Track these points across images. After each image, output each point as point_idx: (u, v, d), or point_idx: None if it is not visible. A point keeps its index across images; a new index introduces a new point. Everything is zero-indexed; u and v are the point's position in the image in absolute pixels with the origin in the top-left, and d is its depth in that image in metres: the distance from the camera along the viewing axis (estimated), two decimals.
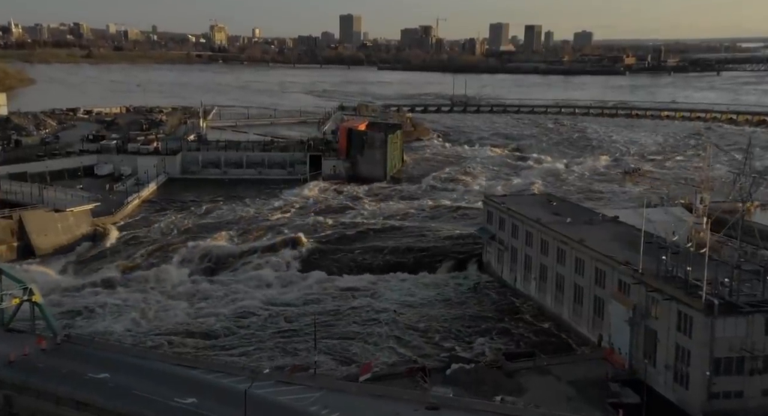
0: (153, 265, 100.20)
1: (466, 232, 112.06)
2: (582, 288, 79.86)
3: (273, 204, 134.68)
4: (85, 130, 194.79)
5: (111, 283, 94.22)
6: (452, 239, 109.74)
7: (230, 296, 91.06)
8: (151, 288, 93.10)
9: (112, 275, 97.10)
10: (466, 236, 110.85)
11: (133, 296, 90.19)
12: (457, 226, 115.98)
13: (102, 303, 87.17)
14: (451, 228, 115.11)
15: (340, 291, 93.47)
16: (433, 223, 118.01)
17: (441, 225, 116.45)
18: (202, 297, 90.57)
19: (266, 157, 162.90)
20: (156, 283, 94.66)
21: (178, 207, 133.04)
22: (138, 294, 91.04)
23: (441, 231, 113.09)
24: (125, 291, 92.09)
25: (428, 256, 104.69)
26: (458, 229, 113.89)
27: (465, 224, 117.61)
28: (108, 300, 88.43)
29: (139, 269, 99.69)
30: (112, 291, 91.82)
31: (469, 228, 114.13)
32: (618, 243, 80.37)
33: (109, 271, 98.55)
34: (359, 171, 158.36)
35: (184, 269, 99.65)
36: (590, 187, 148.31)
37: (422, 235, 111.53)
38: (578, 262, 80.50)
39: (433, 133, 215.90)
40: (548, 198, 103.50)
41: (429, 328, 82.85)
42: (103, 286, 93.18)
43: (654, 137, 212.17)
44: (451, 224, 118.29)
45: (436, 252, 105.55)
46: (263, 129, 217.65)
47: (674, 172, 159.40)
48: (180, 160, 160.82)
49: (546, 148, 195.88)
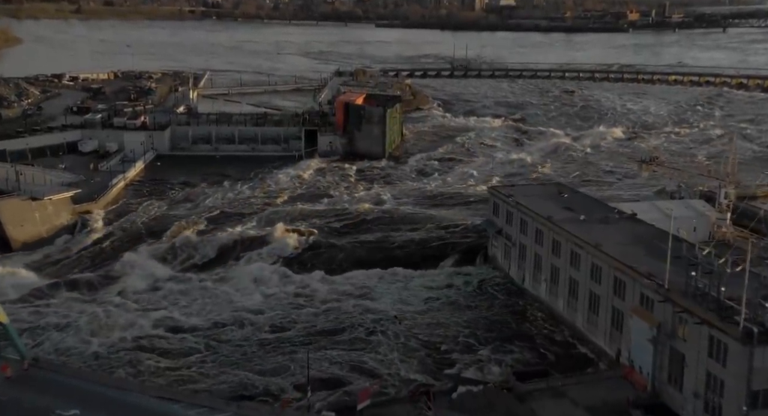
0: (131, 263, 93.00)
1: (470, 221, 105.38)
2: (598, 297, 73.67)
3: (265, 187, 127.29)
4: (70, 99, 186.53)
5: (85, 286, 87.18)
6: (455, 230, 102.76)
7: (213, 300, 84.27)
8: (125, 293, 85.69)
9: (87, 276, 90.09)
10: (469, 224, 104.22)
11: (106, 299, 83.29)
12: (460, 214, 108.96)
13: (76, 312, 79.92)
14: (453, 216, 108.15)
15: (335, 292, 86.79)
16: (434, 211, 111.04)
17: (443, 213, 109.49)
18: (182, 302, 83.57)
19: (259, 132, 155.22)
20: (132, 284, 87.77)
21: (165, 190, 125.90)
22: (113, 297, 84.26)
23: (443, 220, 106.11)
24: (98, 295, 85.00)
25: (431, 249, 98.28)
26: (461, 218, 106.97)
27: (468, 212, 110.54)
28: (81, 307, 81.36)
29: (115, 266, 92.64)
30: (85, 295, 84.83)
31: (472, 216, 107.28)
32: (638, 248, 73.91)
33: (85, 270, 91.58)
34: (357, 147, 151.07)
35: (165, 267, 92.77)
36: (599, 164, 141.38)
37: (423, 225, 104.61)
38: (594, 268, 74.15)
39: (433, 101, 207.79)
40: (559, 189, 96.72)
41: (433, 337, 76.76)
42: (77, 290, 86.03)
43: (663, 106, 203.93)
44: (453, 211, 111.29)
45: (439, 245, 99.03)
46: (257, 98, 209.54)
47: (689, 150, 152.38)
48: (169, 136, 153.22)
49: (551, 118, 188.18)
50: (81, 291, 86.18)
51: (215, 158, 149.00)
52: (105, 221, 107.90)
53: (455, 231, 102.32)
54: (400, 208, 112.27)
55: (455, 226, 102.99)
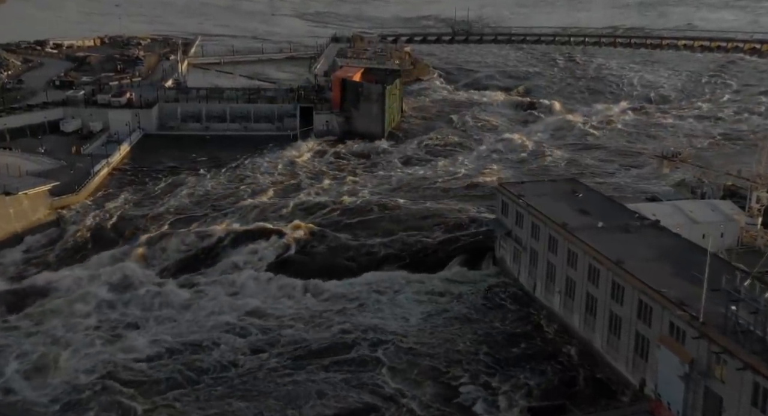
0: (98, 269, 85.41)
1: (476, 217, 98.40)
2: (620, 319, 67.16)
3: (256, 174, 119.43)
4: (54, 70, 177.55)
5: (42, 297, 79.48)
6: (460, 228, 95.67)
7: (191, 313, 77.01)
8: (90, 307, 78.01)
9: (45, 284, 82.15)
10: (476, 221, 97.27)
11: (69, 320, 75.47)
12: (463, 209, 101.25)
13: (26, 338, 71.70)
14: (457, 210, 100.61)
15: (325, 303, 79.82)
16: (436, 204, 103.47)
17: (446, 207, 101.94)
18: (154, 317, 76.17)
19: (252, 110, 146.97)
20: (96, 294, 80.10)
21: (151, 177, 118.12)
22: (75, 318, 76.30)
23: (446, 216, 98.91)
24: (57, 313, 76.74)
25: (434, 250, 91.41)
26: (465, 214, 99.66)
27: (471, 205, 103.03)
28: (36, 329, 73.49)
29: (80, 272, 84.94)
30: (40, 313, 76.68)
31: (476, 210, 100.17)
32: (665, 265, 67.22)
33: (52, 276, 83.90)
34: (355, 126, 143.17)
35: (137, 274, 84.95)
36: (609, 147, 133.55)
37: (425, 221, 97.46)
38: (616, 287, 67.49)
39: (433, 71, 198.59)
40: (572, 186, 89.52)
41: (437, 360, 70.35)
42: (32, 304, 78.01)
43: (675, 77, 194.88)
44: (456, 204, 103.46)
45: (443, 245, 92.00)
46: (250, 68, 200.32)
47: (707, 129, 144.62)
48: (156, 114, 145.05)
49: (557, 91, 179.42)
50: (37, 308, 78.03)
51: (205, 138, 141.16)
52: (82, 217, 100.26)
53: (460, 230, 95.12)
54: (398, 202, 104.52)
55: (459, 226, 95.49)
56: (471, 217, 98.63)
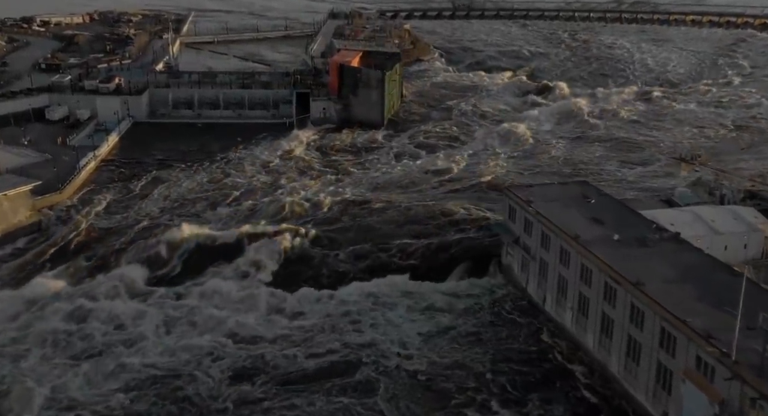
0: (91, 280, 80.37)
1: (477, 215, 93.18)
2: (639, 345, 62.42)
3: (248, 168, 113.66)
4: (40, 50, 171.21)
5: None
6: (463, 230, 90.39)
7: (168, 337, 71.01)
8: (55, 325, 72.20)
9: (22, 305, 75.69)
10: (479, 222, 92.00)
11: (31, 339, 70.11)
12: (465, 208, 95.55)
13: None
14: (458, 210, 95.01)
15: (317, 319, 74.35)
16: (435, 203, 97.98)
17: (445, 206, 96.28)
18: (127, 341, 70.12)
19: (246, 95, 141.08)
20: (68, 316, 73.83)
21: (140, 171, 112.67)
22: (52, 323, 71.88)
23: (447, 216, 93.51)
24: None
25: (436, 256, 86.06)
26: (467, 212, 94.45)
27: (473, 203, 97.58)
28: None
29: (41, 290, 78.47)
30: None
31: (480, 209, 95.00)
32: (689, 287, 62.32)
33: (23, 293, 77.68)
34: (353, 114, 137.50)
35: (117, 285, 79.00)
36: (619, 138, 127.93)
37: (426, 224, 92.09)
38: (635, 311, 62.65)
39: (434, 51, 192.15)
40: (583, 190, 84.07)
41: (443, 385, 65.69)
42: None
43: (684, 57, 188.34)
44: (456, 202, 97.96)
45: (446, 251, 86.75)
46: (245, 47, 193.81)
47: (719, 117, 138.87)
48: (147, 100, 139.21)
49: (563, 73, 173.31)
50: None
51: (197, 126, 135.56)
52: (64, 220, 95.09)
53: (462, 233, 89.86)
54: (395, 201, 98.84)
55: (462, 230, 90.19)
56: (474, 218, 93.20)
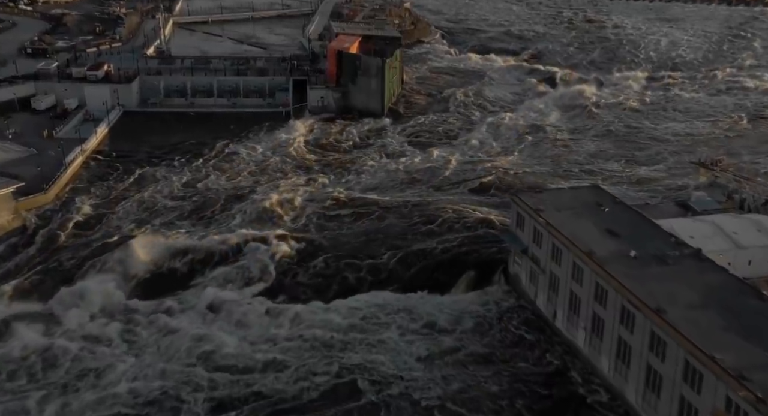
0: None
1: (480, 217, 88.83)
2: (660, 377, 58.33)
3: (242, 164, 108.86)
4: (27, 32, 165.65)
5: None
6: (466, 236, 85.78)
7: (140, 359, 66.52)
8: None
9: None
10: (483, 227, 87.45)
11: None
12: (467, 210, 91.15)
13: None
14: (459, 212, 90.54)
15: (310, 337, 69.67)
16: (434, 204, 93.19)
17: (446, 208, 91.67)
18: (99, 371, 65.02)
19: (241, 83, 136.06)
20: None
21: (129, 167, 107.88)
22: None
23: (448, 219, 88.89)
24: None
25: (438, 265, 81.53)
26: (469, 214, 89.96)
27: (477, 206, 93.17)
28: None
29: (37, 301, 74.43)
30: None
31: (481, 211, 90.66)
32: (715, 315, 57.99)
33: None
34: (352, 103, 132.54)
35: (90, 301, 74.05)
36: (628, 130, 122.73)
37: (424, 226, 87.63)
38: (656, 340, 58.49)
39: (435, 32, 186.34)
40: (596, 197, 79.27)
41: (453, 409, 61.84)
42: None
43: (694, 37, 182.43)
44: (457, 204, 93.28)
45: (449, 260, 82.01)
46: (240, 27, 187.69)
47: (732, 105, 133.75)
48: (137, 88, 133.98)
49: (568, 57, 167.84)
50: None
51: (190, 115, 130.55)
52: (50, 220, 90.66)
53: (468, 239, 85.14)
54: (398, 201, 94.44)
55: (466, 235, 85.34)
56: (476, 221, 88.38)
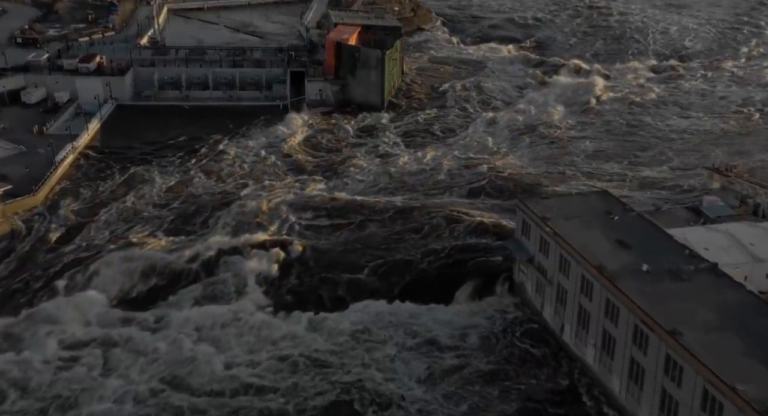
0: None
1: (481, 221, 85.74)
2: (677, 402, 55.55)
3: (235, 165, 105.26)
4: (17, 20, 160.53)
5: None
6: (464, 242, 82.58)
7: (109, 379, 63.70)
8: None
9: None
10: (485, 232, 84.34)
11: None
12: (468, 213, 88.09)
13: None
14: (460, 215, 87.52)
15: (304, 355, 66.84)
16: (434, 207, 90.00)
17: (445, 211, 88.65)
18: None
19: (237, 75, 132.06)
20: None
21: (122, 166, 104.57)
22: None
23: (449, 223, 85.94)
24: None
25: (438, 273, 78.65)
26: (470, 217, 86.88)
27: (478, 209, 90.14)
28: None
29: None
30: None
31: (483, 215, 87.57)
32: (735, 338, 55.20)
33: None
34: (351, 96, 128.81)
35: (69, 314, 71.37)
36: (635, 126, 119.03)
37: (427, 234, 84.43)
38: (671, 363, 55.68)
39: (436, 19, 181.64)
40: (605, 204, 75.87)
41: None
42: None
43: (702, 24, 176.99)
44: (458, 205, 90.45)
45: (450, 268, 79.09)
46: (236, 14, 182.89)
47: (743, 98, 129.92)
48: (131, 81, 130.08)
49: (572, 46, 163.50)
50: None
51: (185, 110, 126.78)
52: (38, 225, 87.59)
53: (467, 246, 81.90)
54: (396, 204, 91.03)
55: (466, 242, 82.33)
56: (476, 227, 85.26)
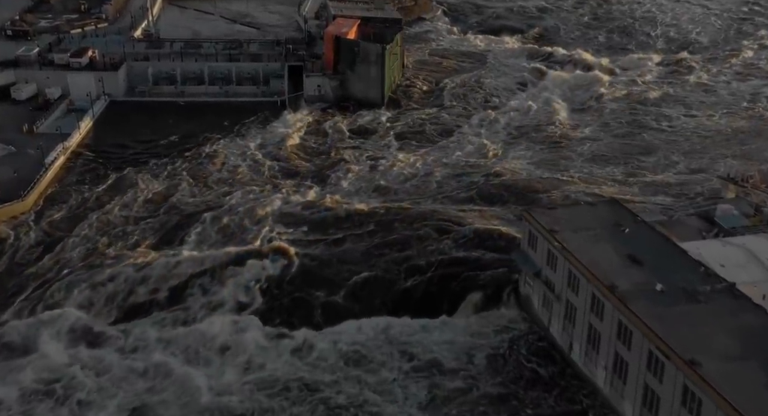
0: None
1: (483, 227, 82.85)
2: None
3: (231, 168, 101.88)
4: (7, 9, 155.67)
5: None
6: (466, 252, 79.65)
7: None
8: None
9: None
10: (488, 239, 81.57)
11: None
12: (469, 218, 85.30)
13: None
14: (461, 219, 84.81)
15: (301, 371, 64.75)
16: (433, 211, 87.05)
17: (446, 214, 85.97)
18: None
19: (234, 69, 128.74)
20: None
21: (114, 167, 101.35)
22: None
23: (449, 228, 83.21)
24: None
25: (442, 286, 75.91)
26: (471, 223, 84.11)
27: (479, 214, 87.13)
28: None
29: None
30: None
31: (484, 220, 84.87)
32: (757, 368, 52.72)
33: None
34: (350, 92, 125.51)
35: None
36: (643, 126, 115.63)
37: (426, 241, 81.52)
38: (689, 395, 52.98)
39: (437, 8, 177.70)
40: (615, 215, 72.77)
41: None
42: None
43: (707, 16, 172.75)
44: (458, 210, 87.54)
45: (454, 280, 76.28)
46: (232, 4, 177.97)
47: (752, 92, 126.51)
48: (124, 76, 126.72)
49: (576, 38, 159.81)
50: None
51: (180, 106, 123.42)
52: (26, 234, 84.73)
53: (470, 256, 78.92)
54: (398, 211, 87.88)
55: (470, 254, 79.34)
56: (480, 234, 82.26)
